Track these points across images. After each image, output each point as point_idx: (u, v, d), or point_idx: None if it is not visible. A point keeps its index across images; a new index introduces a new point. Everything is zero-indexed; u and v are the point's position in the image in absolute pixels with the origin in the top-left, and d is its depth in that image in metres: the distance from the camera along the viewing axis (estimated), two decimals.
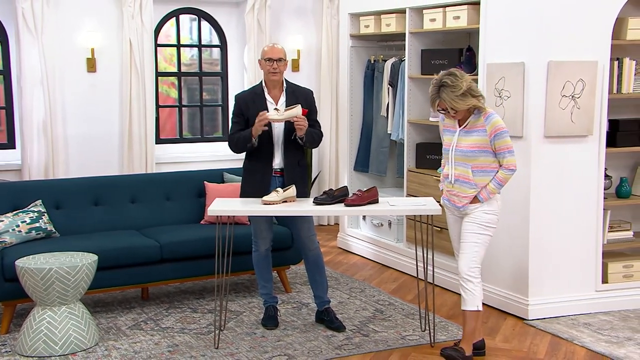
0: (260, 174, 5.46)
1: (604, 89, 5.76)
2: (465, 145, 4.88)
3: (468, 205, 4.89)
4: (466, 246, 4.90)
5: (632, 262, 6.08)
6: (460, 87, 4.75)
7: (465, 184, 4.89)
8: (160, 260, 5.97)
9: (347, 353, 5.09)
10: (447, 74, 4.86)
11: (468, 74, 6.30)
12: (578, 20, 5.62)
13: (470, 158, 4.86)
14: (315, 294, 5.66)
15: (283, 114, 5.29)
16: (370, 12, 7.51)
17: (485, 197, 4.85)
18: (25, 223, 5.83)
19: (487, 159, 4.85)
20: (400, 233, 7.33)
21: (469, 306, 4.90)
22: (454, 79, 4.79)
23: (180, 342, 5.29)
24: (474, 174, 4.85)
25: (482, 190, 4.84)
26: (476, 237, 4.88)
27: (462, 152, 4.89)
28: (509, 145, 4.83)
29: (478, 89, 4.86)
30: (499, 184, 4.85)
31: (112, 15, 8.14)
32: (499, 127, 4.80)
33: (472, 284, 4.87)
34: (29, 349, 5.04)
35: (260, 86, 5.54)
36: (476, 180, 4.85)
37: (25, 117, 7.72)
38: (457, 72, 4.86)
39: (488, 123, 4.82)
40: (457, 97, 4.76)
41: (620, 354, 5.04)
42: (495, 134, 4.80)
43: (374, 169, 7.87)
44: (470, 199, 4.87)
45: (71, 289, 5.10)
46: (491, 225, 4.90)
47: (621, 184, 6.16)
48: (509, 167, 4.83)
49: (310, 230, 5.56)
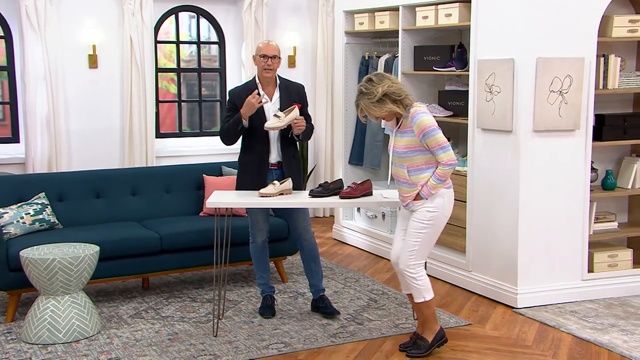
0: (257, 167, 5.48)
1: (591, 84, 5.80)
2: (399, 146, 4.77)
3: (413, 203, 4.78)
4: (408, 244, 4.81)
5: (616, 252, 6.17)
6: (375, 94, 4.64)
7: (404, 184, 4.79)
8: (160, 251, 6.00)
9: (342, 341, 5.14)
10: (367, 79, 4.76)
11: (459, 70, 6.47)
12: (565, 18, 5.66)
13: (404, 159, 4.75)
14: (311, 282, 5.72)
15: (284, 119, 5.28)
16: (365, 9, 7.53)
17: (427, 193, 4.71)
18: (29, 215, 5.86)
19: (422, 158, 4.73)
20: (393, 224, 7.30)
21: (417, 299, 4.87)
22: (369, 86, 4.68)
23: (179, 330, 5.33)
24: (410, 174, 4.74)
25: (423, 187, 4.72)
26: (418, 235, 4.78)
27: (397, 153, 4.79)
28: (440, 141, 4.66)
29: (401, 90, 4.71)
30: (438, 179, 4.69)
31: (113, 13, 8.17)
32: (425, 127, 4.64)
33: (415, 280, 4.82)
34: (33, 337, 5.07)
35: (253, 82, 5.54)
36: (412, 180, 4.73)
37: (28, 112, 7.76)
38: (375, 78, 4.73)
39: (414, 124, 4.67)
40: (372, 103, 4.67)
41: (604, 340, 5.12)
42: (423, 134, 4.65)
43: (368, 163, 7.89)
44: (412, 197, 4.75)
45: (74, 279, 5.13)
46: (434, 222, 4.76)
47: (607, 176, 6.21)
48: (447, 163, 4.66)
49: (306, 221, 5.63)
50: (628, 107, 6.50)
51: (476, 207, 6.16)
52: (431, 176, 4.71)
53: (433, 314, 4.94)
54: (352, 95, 7.88)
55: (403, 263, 4.84)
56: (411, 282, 4.85)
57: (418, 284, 4.83)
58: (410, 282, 4.85)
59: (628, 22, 5.99)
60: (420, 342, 4.94)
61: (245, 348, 5.02)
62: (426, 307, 4.90)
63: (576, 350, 5.01)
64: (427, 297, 4.86)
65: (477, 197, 6.15)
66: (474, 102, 6.11)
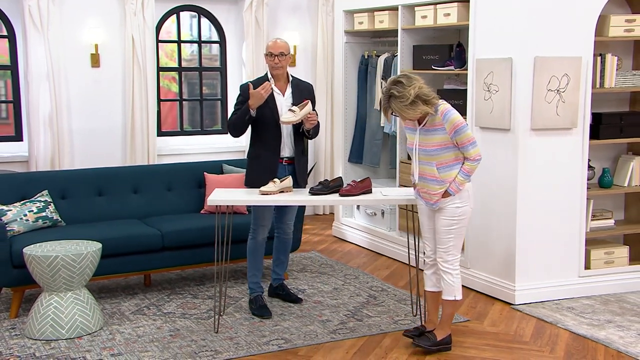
0: (268, 161, 5.50)
1: (588, 83, 5.83)
2: (428, 144, 4.76)
3: (441, 200, 4.81)
4: (443, 241, 4.86)
5: (612, 249, 6.21)
6: (408, 97, 4.60)
7: (432, 182, 4.79)
8: (162, 248, 6.03)
9: (341, 337, 5.17)
10: (395, 82, 4.70)
11: (458, 69, 6.50)
12: (563, 17, 5.69)
13: (433, 156, 4.76)
14: (275, 270, 5.98)
15: (299, 114, 5.34)
16: (364, 9, 7.55)
17: (456, 189, 4.75)
18: (32, 212, 5.88)
19: (450, 155, 4.75)
20: (392, 222, 7.40)
21: (446, 295, 4.91)
22: (401, 89, 4.63)
23: (181, 326, 5.36)
24: (440, 171, 4.75)
25: (451, 184, 4.74)
26: (450, 232, 4.83)
27: (425, 151, 4.78)
28: (470, 137, 4.72)
29: (429, 91, 4.69)
30: (466, 174, 4.74)
31: (115, 13, 8.19)
32: (457, 124, 4.67)
33: (451, 276, 4.87)
34: (37, 333, 5.10)
35: (266, 77, 5.59)
36: (442, 177, 4.75)
37: (31, 111, 7.78)
38: (405, 80, 4.68)
39: (446, 121, 4.68)
40: (405, 106, 4.63)
41: (601, 336, 5.16)
42: (455, 131, 4.68)
43: (367, 161, 7.92)
44: (440, 195, 4.78)
45: (76, 276, 5.16)
46: (464, 217, 4.84)
47: (603, 174, 6.24)
48: (475, 159, 4.73)
49: (292, 218, 5.83)
50: (624, 105, 6.53)
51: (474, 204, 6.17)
52: (459, 172, 4.75)
53: (452, 317, 5.00)
54: (352, 94, 8.02)
55: (443, 259, 4.89)
56: (448, 279, 4.89)
57: (453, 281, 4.88)
58: (447, 278, 4.89)
59: (625, 21, 6.03)
60: (429, 335, 4.96)
61: (245, 344, 5.05)
62: (452, 307, 4.95)
63: (573, 346, 5.05)
64: (457, 296, 4.92)
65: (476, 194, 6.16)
66: (472, 100, 6.15)
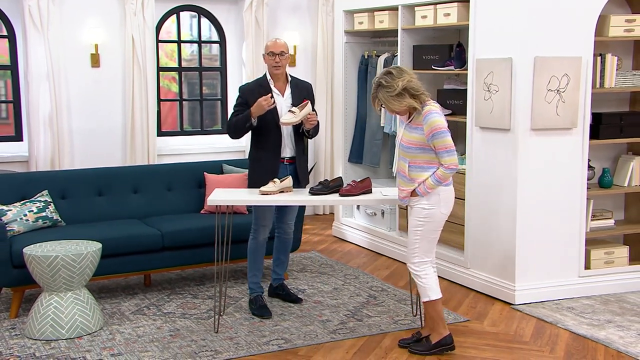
0: (269, 163, 5.51)
1: (588, 83, 5.83)
2: (406, 140, 4.73)
3: (409, 199, 4.77)
4: (409, 242, 4.84)
5: (612, 249, 6.22)
6: (395, 88, 4.58)
7: (403, 178, 4.77)
8: (162, 248, 6.03)
9: (341, 337, 5.17)
10: (386, 72, 4.68)
11: (458, 69, 6.51)
12: (563, 17, 5.69)
13: (408, 154, 4.72)
14: (275, 270, 5.98)
15: (299, 114, 5.34)
16: (364, 9, 7.56)
17: (423, 191, 4.68)
18: (32, 212, 5.89)
19: (426, 156, 4.68)
20: (392, 222, 7.41)
21: (422, 297, 4.87)
22: (390, 79, 4.61)
23: (181, 326, 5.36)
24: (410, 170, 4.72)
25: (420, 185, 4.68)
26: (415, 232, 4.79)
27: (403, 147, 4.76)
28: (447, 145, 4.61)
29: (419, 87, 4.67)
30: (437, 180, 4.66)
31: (115, 13, 8.21)
32: (436, 127, 4.60)
33: (420, 278, 4.82)
34: (37, 333, 5.10)
35: (265, 79, 5.59)
36: (411, 176, 4.71)
37: (31, 111, 7.79)
38: (395, 71, 4.66)
39: (425, 122, 4.62)
40: (391, 97, 4.61)
41: (601, 336, 5.16)
42: (433, 134, 4.60)
43: (367, 161, 7.92)
44: (408, 192, 4.74)
45: (76, 276, 5.16)
46: (431, 220, 4.74)
47: (603, 174, 6.25)
48: (449, 167, 4.63)
49: (293, 218, 5.83)
50: (624, 105, 6.54)
51: (474, 204, 6.21)
52: (430, 176, 4.68)
53: (440, 316, 4.91)
54: (352, 94, 8.03)
55: (409, 261, 4.88)
56: (416, 280, 4.87)
57: (422, 282, 4.84)
58: (415, 279, 4.88)
59: (624, 21, 6.03)
60: (424, 342, 4.94)
61: (246, 344, 5.05)
62: (431, 307, 4.88)
63: (573, 346, 5.05)
64: (432, 296, 4.84)
65: (476, 194, 6.20)
66: (472, 100, 6.15)
